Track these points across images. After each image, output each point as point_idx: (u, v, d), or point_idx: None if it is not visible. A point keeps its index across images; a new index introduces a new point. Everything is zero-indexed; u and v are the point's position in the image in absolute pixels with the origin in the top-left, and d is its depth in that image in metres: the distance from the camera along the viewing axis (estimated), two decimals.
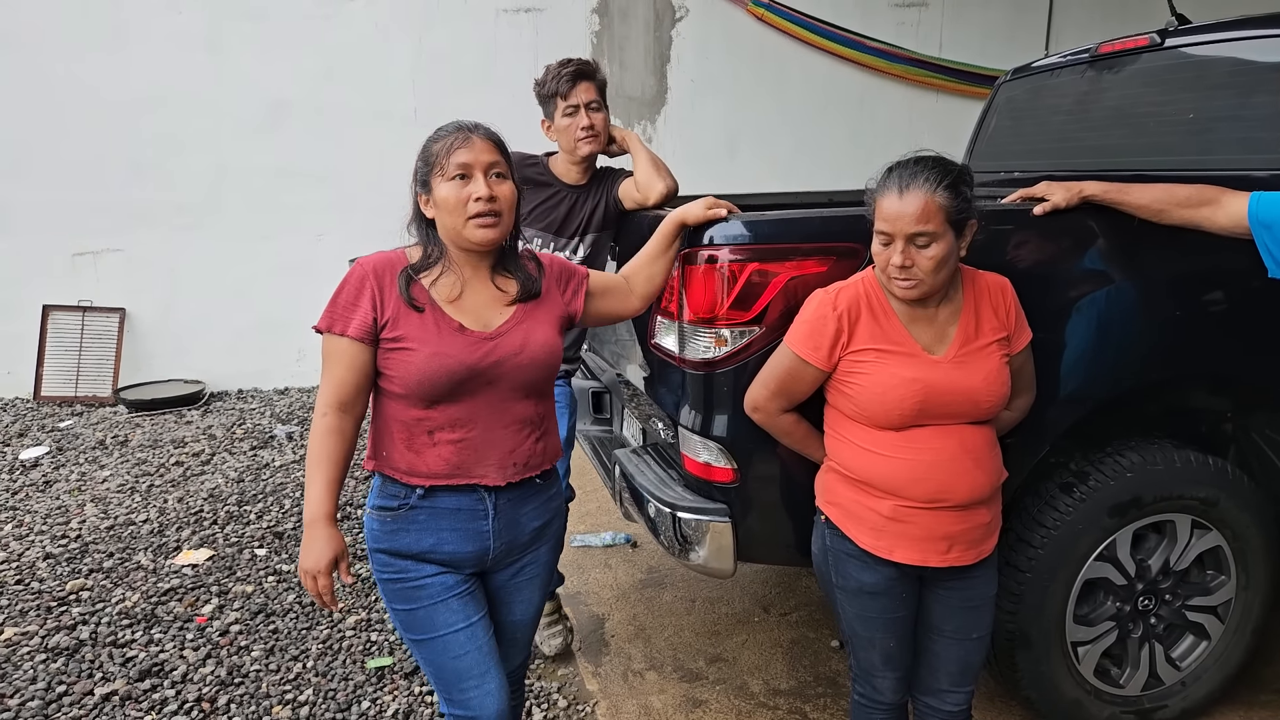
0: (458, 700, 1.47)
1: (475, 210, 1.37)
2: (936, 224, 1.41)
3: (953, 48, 6.16)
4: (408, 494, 1.43)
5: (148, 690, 2.32)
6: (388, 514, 1.44)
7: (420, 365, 1.36)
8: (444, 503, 1.43)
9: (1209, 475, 1.96)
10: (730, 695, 2.34)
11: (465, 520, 1.45)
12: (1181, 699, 2.10)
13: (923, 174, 1.43)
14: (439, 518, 1.44)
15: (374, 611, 2.73)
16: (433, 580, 1.44)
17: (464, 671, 1.45)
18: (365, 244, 5.62)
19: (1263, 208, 1.60)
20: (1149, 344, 1.88)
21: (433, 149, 1.40)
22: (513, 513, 1.49)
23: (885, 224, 1.45)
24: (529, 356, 1.43)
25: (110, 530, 3.32)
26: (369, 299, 1.39)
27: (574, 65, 2.22)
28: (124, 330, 5.16)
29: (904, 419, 1.48)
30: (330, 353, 1.41)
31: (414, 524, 1.43)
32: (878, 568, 1.54)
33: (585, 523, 3.41)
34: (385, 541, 1.45)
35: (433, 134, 1.43)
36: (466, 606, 1.46)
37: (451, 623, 1.44)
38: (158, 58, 4.93)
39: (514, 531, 1.50)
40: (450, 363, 1.37)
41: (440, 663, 1.46)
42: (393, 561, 1.45)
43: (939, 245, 1.43)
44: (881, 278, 1.51)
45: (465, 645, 1.45)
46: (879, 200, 1.48)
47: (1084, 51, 2.68)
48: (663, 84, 5.82)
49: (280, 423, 4.71)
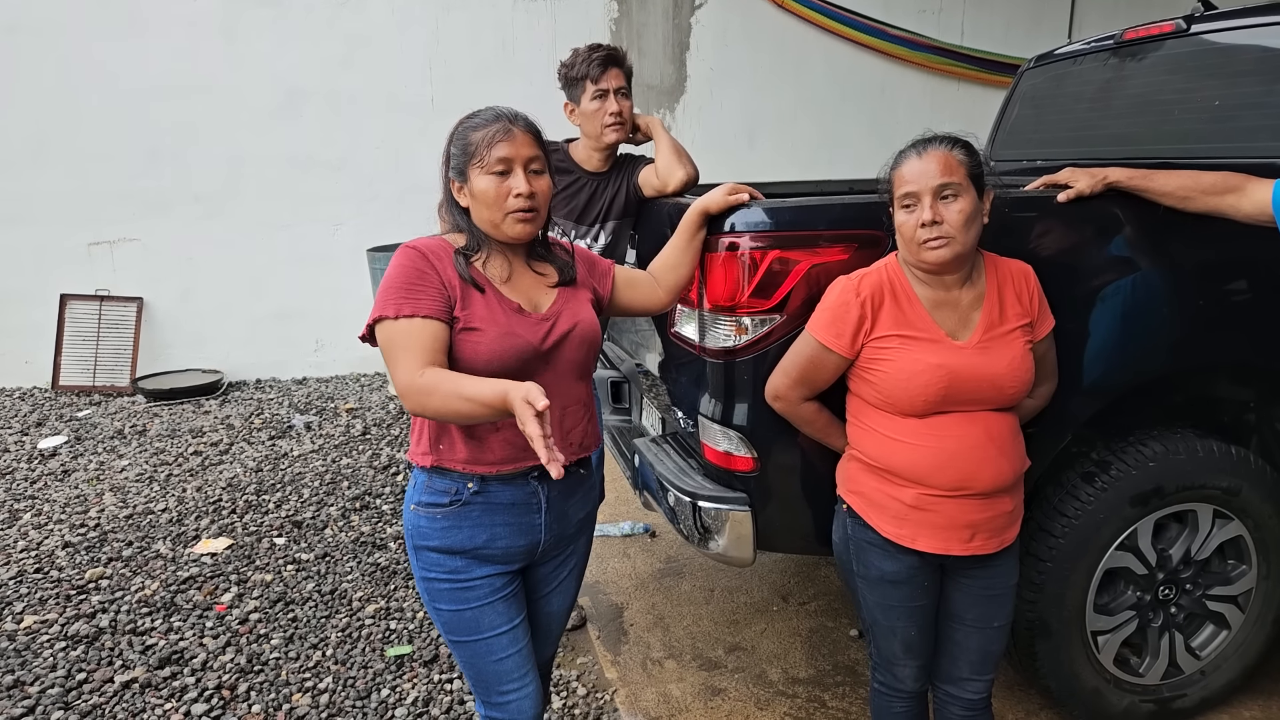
0: (497, 703, 1.47)
1: (515, 206, 1.35)
2: (960, 176, 1.45)
3: (974, 36, 6.10)
4: (460, 489, 1.39)
5: (167, 678, 2.35)
6: (439, 510, 1.40)
7: (491, 345, 1.33)
8: (499, 496, 1.41)
9: (1231, 465, 1.94)
10: (749, 684, 2.35)
11: (520, 514, 1.43)
12: (1201, 688, 2.09)
13: (936, 139, 1.50)
14: (493, 512, 1.41)
15: (393, 600, 2.76)
16: (483, 582, 1.42)
17: (505, 674, 1.45)
18: (382, 233, 5.66)
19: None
20: (1173, 333, 1.86)
21: (471, 138, 1.36)
22: (562, 504, 1.48)
23: (910, 185, 1.46)
24: (580, 334, 1.43)
25: (129, 519, 3.36)
26: (435, 277, 1.32)
27: (604, 50, 2.20)
28: (141, 319, 5.20)
29: (928, 405, 1.47)
30: (398, 337, 1.29)
31: (468, 519, 1.40)
32: (900, 556, 1.54)
33: (604, 512, 3.39)
34: (436, 539, 1.41)
35: (469, 120, 1.40)
36: (510, 608, 1.45)
37: (496, 625, 1.43)
38: (174, 45, 4.95)
39: (563, 523, 1.50)
40: (519, 342, 1.35)
41: (482, 665, 1.45)
42: (444, 560, 1.41)
43: (964, 199, 1.45)
44: (909, 249, 1.49)
45: (509, 648, 1.44)
46: (898, 170, 1.50)
47: (1108, 39, 2.65)
48: (681, 72, 5.79)
49: (298, 412, 4.74)
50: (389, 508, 3.46)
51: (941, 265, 1.47)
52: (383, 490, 3.62)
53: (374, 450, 4.12)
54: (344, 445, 4.20)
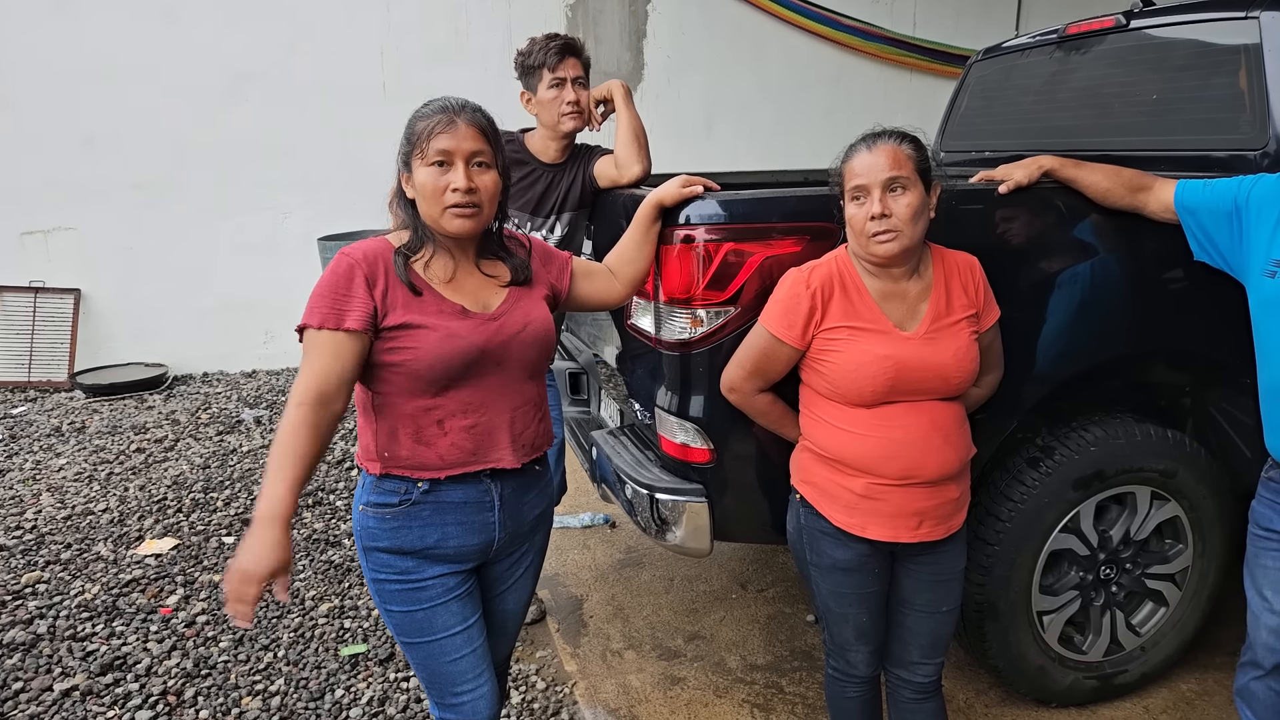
0: (451, 704, 1.45)
1: (452, 201, 1.32)
2: (907, 171, 1.47)
3: (926, 27, 6.19)
4: (410, 488, 1.37)
5: (110, 685, 2.28)
6: (388, 510, 1.37)
7: (433, 349, 1.31)
8: (449, 495, 1.39)
9: (1168, 448, 2.01)
10: (708, 672, 2.37)
11: (472, 513, 1.41)
12: (1141, 664, 2.17)
13: (886, 133, 1.52)
14: (444, 511, 1.39)
15: (346, 599, 2.71)
16: (435, 582, 1.40)
17: (459, 675, 1.42)
18: (333, 222, 5.52)
19: (1187, 194, 1.70)
20: (1112, 320, 1.92)
21: (416, 128, 1.33)
22: (516, 502, 1.47)
23: (860, 178, 1.48)
24: (532, 334, 1.41)
25: (68, 520, 3.24)
26: (362, 288, 1.30)
27: (562, 39, 2.18)
28: (79, 312, 5.01)
29: (876, 396, 1.49)
30: (315, 345, 1.29)
31: (418, 519, 1.37)
32: (851, 544, 1.56)
33: (563, 504, 3.38)
34: (386, 539, 1.38)
35: (419, 109, 1.36)
36: (465, 608, 1.43)
37: (450, 626, 1.41)
38: (110, 28, 4.74)
39: (518, 520, 1.48)
40: (462, 344, 1.32)
41: (435, 666, 1.43)
42: (394, 561, 1.39)
43: (912, 193, 1.47)
44: (859, 242, 1.51)
45: (462, 648, 1.42)
46: (848, 164, 1.52)
47: (1053, 32, 2.70)
48: (639, 60, 5.75)
49: (248, 406, 4.62)
50: (343, 503, 3.40)
51: (889, 258, 1.49)
52: (336, 485, 3.55)
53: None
54: None
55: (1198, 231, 1.71)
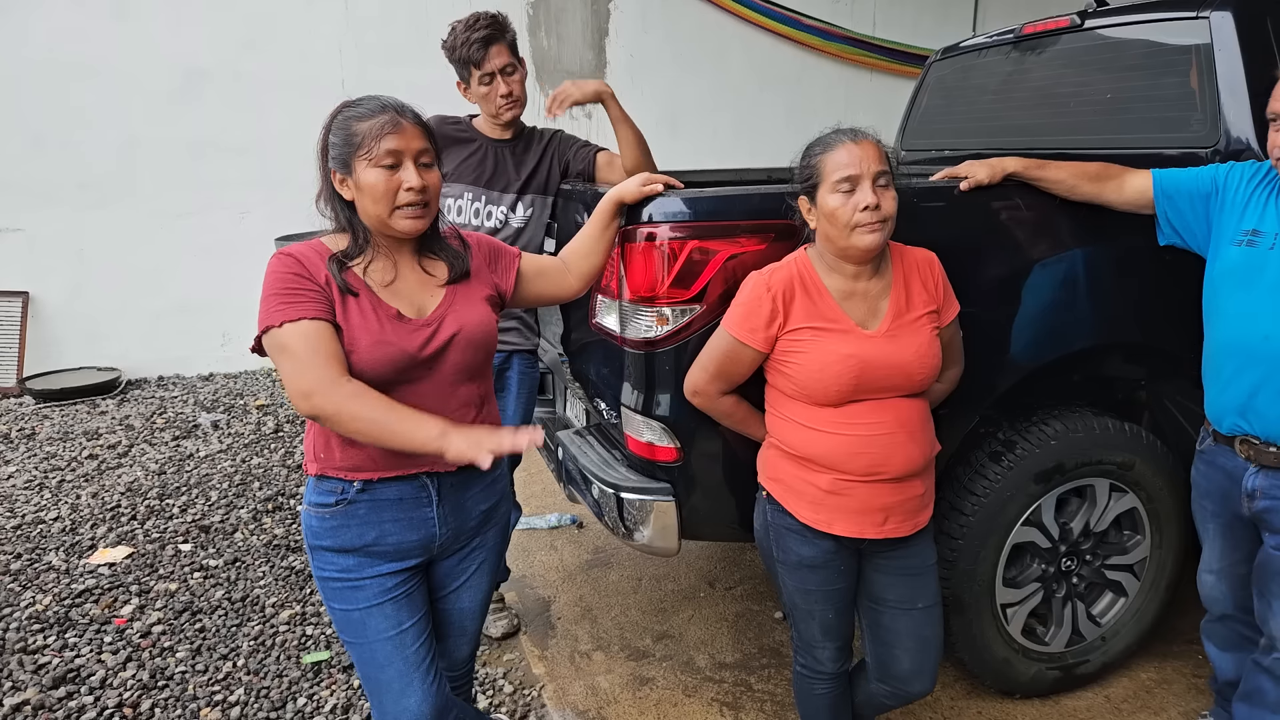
0: (376, 710, 1.46)
1: (406, 200, 1.32)
2: (888, 167, 1.49)
3: (885, 27, 6.27)
4: (345, 488, 1.38)
5: (62, 698, 2.20)
6: (327, 510, 1.39)
7: (363, 355, 1.30)
8: (385, 493, 1.39)
9: (1125, 440, 2.05)
10: (677, 671, 2.36)
11: (408, 509, 1.41)
12: (1102, 653, 2.21)
13: (863, 130, 1.52)
14: (380, 509, 1.39)
15: (309, 605, 2.65)
16: (372, 582, 1.40)
17: (385, 684, 1.42)
18: (292, 221, 5.39)
19: (1166, 181, 1.79)
20: (1070, 315, 1.95)
21: (357, 128, 1.31)
22: (458, 497, 1.46)
23: (848, 168, 1.46)
24: (467, 338, 1.39)
25: (17, 530, 3.13)
26: (310, 282, 1.29)
27: (483, 29, 2.11)
28: (28, 315, 4.84)
29: (841, 395, 1.49)
30: (292, 341, 1.25)
31: (354, 518, 1.39)
32: (817, 541, 1.56)
33: (530, 505, 3.37)
34: (327, 538, 1.40)
35: (351, 109, 1.34)
36: (400, 611, 1.42)
37: (381, 629, 1.41)
38: (59, 24, 4.59)
39: (461, 516, 1.47)
40: (393, 351, 1.31)
41: (366, 671, 1.44)
42: (336, 559, 1.40)
43: (893, 189, 1.49)
44: (840, 234, 1.48)
45: (391, 656, 1.41)
46: (829, 155, 1.49)
47: (1009, 32, 2.74)
48: (601, 58, 5.73)
49: (205, 410, 4.51)
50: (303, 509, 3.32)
51: (870, 250, 1.49)
52: (296, 490, 3.48)
53: (287, 448, 3.95)
54: (254, 444, 4.02)
55: (1172, 215, 1.79)
